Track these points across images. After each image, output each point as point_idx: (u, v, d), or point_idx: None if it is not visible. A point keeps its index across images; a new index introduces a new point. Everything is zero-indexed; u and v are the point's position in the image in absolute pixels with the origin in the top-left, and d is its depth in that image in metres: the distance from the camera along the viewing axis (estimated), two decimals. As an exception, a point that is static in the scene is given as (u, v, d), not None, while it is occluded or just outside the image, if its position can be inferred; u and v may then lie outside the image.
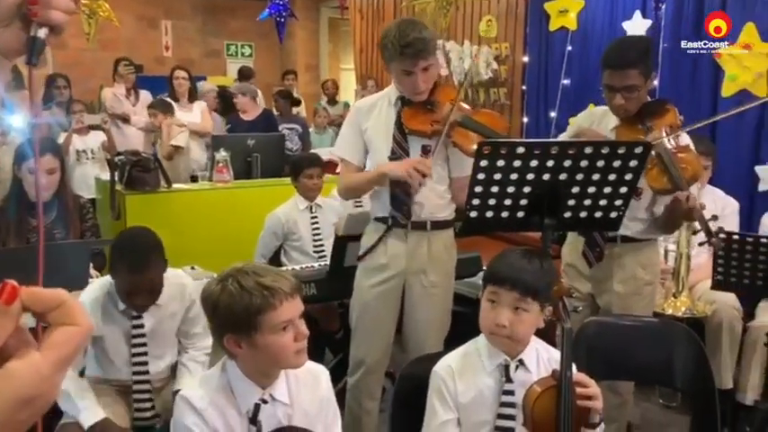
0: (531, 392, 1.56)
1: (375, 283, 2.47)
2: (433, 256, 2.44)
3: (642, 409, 3.33)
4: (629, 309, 2.48)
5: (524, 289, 1.58)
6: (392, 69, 2.35)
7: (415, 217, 2.40)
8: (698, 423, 2.17)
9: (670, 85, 3.95)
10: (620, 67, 2.31)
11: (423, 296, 2.45)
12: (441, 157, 2.40)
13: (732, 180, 3.61)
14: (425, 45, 2.25)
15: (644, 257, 2.49)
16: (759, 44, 3.53)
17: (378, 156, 2.44)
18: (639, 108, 2.39)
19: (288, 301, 1.45)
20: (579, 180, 2.00)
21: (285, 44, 10.44)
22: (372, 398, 2.56)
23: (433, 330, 2.49)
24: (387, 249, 2.44)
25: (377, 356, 2.53)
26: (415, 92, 2.35)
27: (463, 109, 2.41)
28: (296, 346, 1.47)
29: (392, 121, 2.41)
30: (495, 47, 5.39)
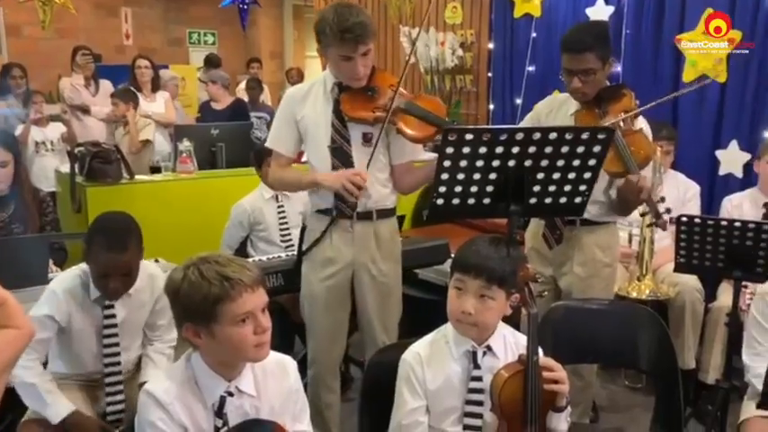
0: (499, 378, 1.57)
1: (323, 277, 2.42)
2: (381, 244, 2.41)
3: (608, 391, 3.40)
4: (589, 290, 2.51)
5: (489, 277, 1.58)
6: (329, 55, 2.27)
7: (360, 207, 2.36)
8: (662, 403, 2.21)
9: (632, 72, 4.00)
10: (577, 50, 2.34)
11: (373, 286, 2.42)
12: (382, 145, 2.36)
13: (693, 164, 3.67)
14: (365, 29, 2.19)
15: (602, 240, 2.53)
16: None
17: (316, 146, 2.38)
18: (598, 92, 2.42)
19: (248, 293, 1.43)
20: (544, 166, 2.00)
21: (249, 32, 10.30)
22: (331, 391, 2.53)
23: (386, 320, 2.47)
24: (332, 242, 2.40)
25: (331, 350, 2.50)
26: (354, 78, 2.29)
27: (404, 94, 2.37)
28: (256, 340, 1.45)
29: (330, 109, 2.35)
30: (461, 34, 5.38)
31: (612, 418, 3.10)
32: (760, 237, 2.45)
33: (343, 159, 2.35)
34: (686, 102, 3.78)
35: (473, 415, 1.62)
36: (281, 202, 3.42)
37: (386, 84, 2.35)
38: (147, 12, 9.95)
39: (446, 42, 5.36)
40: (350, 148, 2.35)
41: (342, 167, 2.34)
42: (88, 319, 2.18)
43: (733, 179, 3.62)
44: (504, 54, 5.04)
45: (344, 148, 2.35)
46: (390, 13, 5.89)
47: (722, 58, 3.58)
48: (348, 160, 2.35)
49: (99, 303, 2.18)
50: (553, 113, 2.59)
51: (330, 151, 2.36)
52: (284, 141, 2.45)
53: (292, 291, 2.97)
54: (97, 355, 2.21)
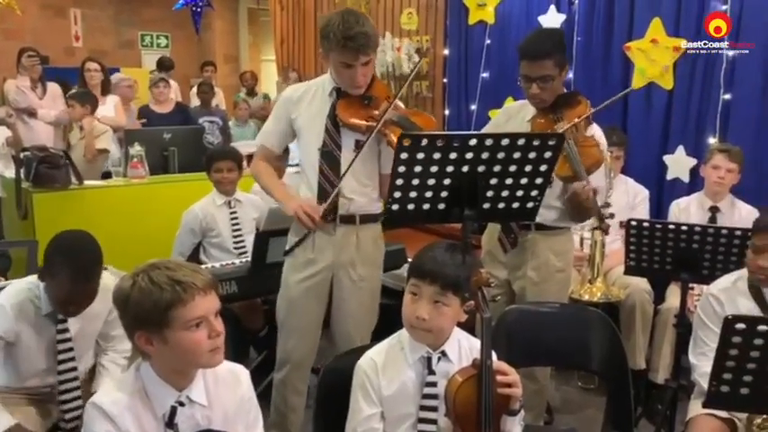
0: (453, 383, 1.58)
1: (303, 278, 2.44)
2: (362, 249, 2.43)
3: (562, 393, 3.45)
4: (542, 294, 2.55)
5: (445, 283, 1.59)
6: (331, 60, 2.31)
7: (343, 211, 2.39)
8: (613, 403, 2.25)
9: (584, 78, 4.08)
10: (536, 57, 2.38)
11: (351, 290, 2.44)
12: (372, 153, 2.39)
13: (642, 169, 3.76)
14: (368, 39, 2.23)
15: (556, 245, 2.57)
16: (664, 39, 3.69)
17: (308, 147, 2.41)
18: (555, 99, 2.46)
19: (201, 296, 1.41)
20: (497, 172, 2.03)
21: (203, 35, 10.16)
22: (299, 394, 2.54)
23: (361, 324, 2.48)
24: (314, 243, 2.42)
25: (304, 352, 2.51)
26: (353, 85, 2.33)
27: (399, 108, 2.41)
28: (210, 344, 1.43)
29: (326, 113, 2.38)
30: (417, 39, 5.41)
31: (566, 419, 3.15)
32: (706, 240, 2.53)
33: (332, 164, 2.37)
34: (635, 108, 3.88)
35: (428, 421, 1.62)
36: (234, 208, 3.38)
37: (383, 95, 2.39)
38: (98, 13, 9.73)
39: (402, 48, 5.39)
40: (340, 153, 2.37)
41: (329, 171, 2.37)
42: (39, 335, 2.12)
43: (680, 184, 3.72)
44: (459, 60, 5.08)
45: (335, 153, 2.37)
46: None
47: (669, 65, 3.69)
48: (336, 165, 2.37)
49: (51, 318, 2.12)
50: (511, 120, 2.63)
51: (320, 154, 2.38)
52: (271, 137, 2.51)
53: (246, 298, 2.94)
54: (48, 370, 2.16)
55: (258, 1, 8.90)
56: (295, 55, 7.43)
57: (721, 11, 3.46)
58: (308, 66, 7.17)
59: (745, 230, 2.30)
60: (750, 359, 1.63)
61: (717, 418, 2.08)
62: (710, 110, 3.56)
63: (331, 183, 2.36)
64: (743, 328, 1.60)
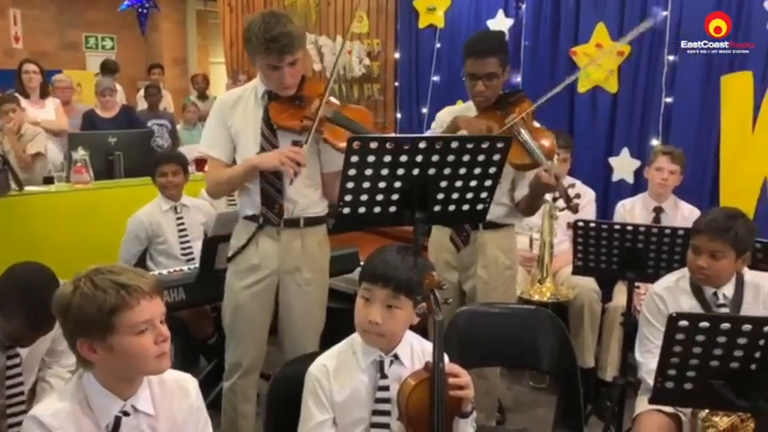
0: (405, 386, 1.57)
1: (247, 284, 2.40)
2: (308, 253, 2.41)
3: (514, 392, 3.49)
4: (492, 292, 2.59)
5: (397, 287, 1.59)
6: (257, 63, 2.28)
7: (287, 214, 2.36)
8: (563, 402, 2.29)
9: (531, 81, 4.14)
10: (481, 55, 2.44)
11: (298, 295, 2.42)
12: (312, 153, 2.36)
13: (589, 171, 3.84)
14: (292, 39, 2.20)
15: (503, 243, 2.61)
16: (609, 43, 3.77)
17: (246, 152, 2.37)
18: (497, 98, 2.53)
19: (146, 300, 1.37)
20: (447, 174, 2.04)
21: (150, 37, 9.95)
22: (248, 401, 2.50)
23: (309, 329, 2.46)
24: (258, 249, 2.38)
25: (252, 359, 2.47)
26: (282, 87, 2.30)
27: (332, 104, 2.39)
28: (157, 350, 1.39)
29: (260, 117, 2.35)
30: (368, 42, 5.41)
31: (518, 419, 3.18)
32: (650, 239, 2.60)
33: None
34: (581, 111, 3.96)
35: (380, 425, 1.61)
36: (181, 214, 3.31)
37: (315, 93, 2.36)
38: (39, 14, 9.42)
39: (353, 51, 5.37)
40: None
41: (270, 176, 2.32)
42: None
43: (625, 185, 3.81)
44: (409, 64, 5.10)
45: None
46: (296, 22, 5.85)
47: (613, 69, 3.78)
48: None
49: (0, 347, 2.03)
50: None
51: None
52: (219, 146, 2.40)
53: (195, 305, 2.88)
54: None
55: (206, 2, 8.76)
56: (245, 58, 7.32)
57: (661, 15, 3.57)
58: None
59: (687, 230, 2.37)
60: (693, 355, 1.68)
61: (663, 413, 2.13)
62: (653, 113, 3.66)
63: (274, 186, 2.32)
64: (685, 325, 1.64)
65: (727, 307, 2.17)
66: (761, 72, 3.27)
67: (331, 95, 2.39)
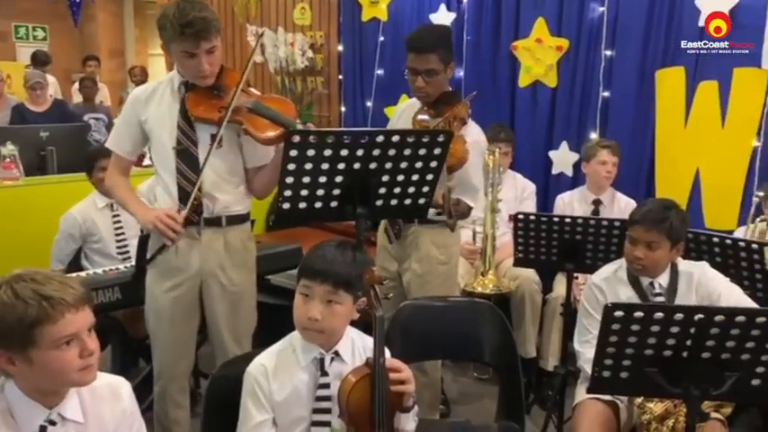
0: (346, 383, 1.56)
1: (168, 287, 2.29)
2: (231, 252, 2.32)
3: (459, 384, 3.52)
4: (426, 287, 2.59)
5: (336, 282, 1.56)
6: (172, 52, 2.18)
7: (207, 213, 2.26)
8: (505, 392, 2.32)
9: (473, 76, 4.17)
10: (422, 50, 2.43)
11: (222, 296, 2.32)
12: (233, 146, 2.29)
13: (530, 165, 3.90)
14: (207, 25, 2.10)
15: (438, 238, 2.60)
16: (549, 38, 3.84)
17: (161, 147, 2.27)
18: (439, 95, 2.51)
19: (72, 314, 1.30)
20: (388, 168, 2.03)
21: (85, 27, 9.62)
22: (179, 406, 2.42)
23: (238, 331, 2.38)
24: (178, 250, 2.27)
25: (178, 365, 2.39)
26: (199, 76, 2.20)
27: (252, 94, 2.30)
28: (81, 363, 1.32)
29: (176, 109, 2.25)
30: (311, 35, 5.35)
31: (462, 410, 3.21)
32: (588, 231, 2.65)
33: (189, 162, 2.24)
34: (522, 106, 4.01)
35: (321, 423, 1.59)
36: (117, 211, 3.19)
37: (234, 82, 2.27)
38: (-36, 2, 8.98)
39: (296, 43, 5.31)
40: (196, 150, 2.24)
41: (187, 170, 2.23)
42: None
43: (564, 178, 3.89)
44: (353, 57, 5.07)
45: (191, 150, 2.24)
46: (237, 12, 5.75)
47: (552, 64, 3.84)
48: (194, 163, 2.24)
49: None
50: (401, 118, 2.66)
51: (175, 153, 2.24)
52: (123, 143, 2.34)
53: (131, 305, 2.79)
54: None
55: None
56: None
57: (598, 11, 3.64)
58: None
59: (624, 221, 2.42)
60: (629, 344, 1.71)
61: (601, 401, 2.18)
62: (591, 107, 3.74)
63: (191, 182, 2.22)
64: (621, 315, 1.68)
65: (662, 296, 2.23)
66: (692, 68, 3.38)
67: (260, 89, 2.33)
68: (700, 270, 2.23)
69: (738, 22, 3.20)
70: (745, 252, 2.45)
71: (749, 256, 2.44)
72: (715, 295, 2.16)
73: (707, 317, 1.64)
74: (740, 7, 3.20)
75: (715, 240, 2.52)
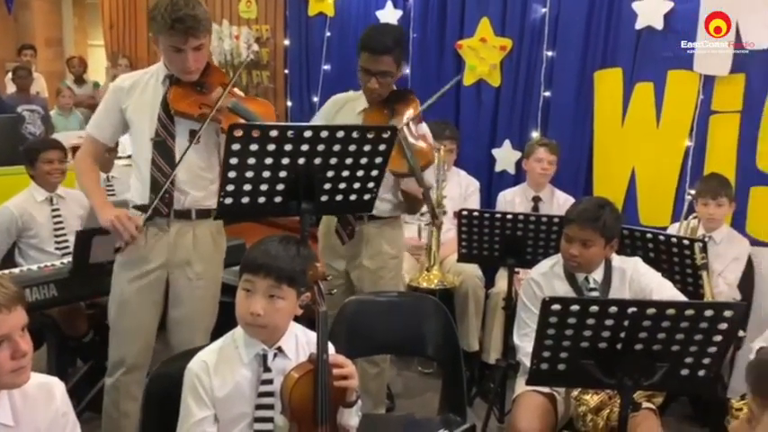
0: (289, 379, 1.56)
1: (134, 276, 2.29)
2: (199, 246, 2.32)
3: (404, 378, 3.55)
4: (379, 281, 2.62)
5: (279, 276, 1.56)
6: (160, 44, 2.20)
7: (178, 205, 2.27)
8: (448, 385, 2.35)
9: (419, 73, 4.20)
10: (378, 52, 2.44)
11: (188, 290, 2.32)
12: (210, 143, 2.29)
13: (474, 162, 3.95)
14: (197, 22, 2.14)
15: (388, 234, 2.65)
16: (492, 38, 3.90)
17: (140, 137, 2.28)
18: (389, 94, 2.53)
19: (3, 314, 1.27)
20: (333, 164, 2.03)
21: (20, 15, 9.24)
22: (133, 399, 2.36)
23: (198, 326, 2.37)
24: (147, 240, 2.27)
25: (138, 355, 2.35)
26: (185, 71, 2.22)
27: (236, 95, 2.33)
28: (13, 365, 1.29)
29: (158, 101, 2.26)
30: (256, 28, 5.29)
31: (407, 404, 3.24)
32: (528, 227, 2.72)
33: (165, 155, 2.24)
34: (466, 104, 4.06)
35: (264, 419, 1.59)
36: (57, 205, 3.10)
37: (218, 81, 2.29)
38: None
39: (241, 36, 5.24)
40: (174, 143, 2.25)
41: (162, 162, 2.24)
42: None
43: (507, 175, 3.96)
44: (300, 51, 5.04)
45: (168, 142, 2.24)
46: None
47: (496, 63, 3.90)
48: (170, 156, 2.24)
49: None
50: (342, 111, 2.66)
51: (153, 144, 2.25)
52: (102, 128, 2.35)
53: (68, 302, 2.71)
54: None
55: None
56: (125, 40, 6.97)
57: (540, 12, 3.72)
58: (139, 52, 6.75)
59: (562, 218, 2.49)
60: (565, 337, 1.77)
61: (539, 393, 2.23)
62: (533, 106, 3.82)
63: (165, 174, 2.23)
64: (558, 308, 1.73)
65: (597, 291, 2.30)
66: (629, 69, 3.49)
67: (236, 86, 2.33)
68: (632, 266, 2.32)
69: (672, 26, 3.32)
70: (676, 248, 2.55)
71: (680, 251, 2.55)
72: (647, 290, 2.24)
73: (639, 310, 1.70)
74: (674, 12, 3.32)
75: (649, 236, 2.62)
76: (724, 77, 3.21)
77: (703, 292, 2.50)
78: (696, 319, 1.71)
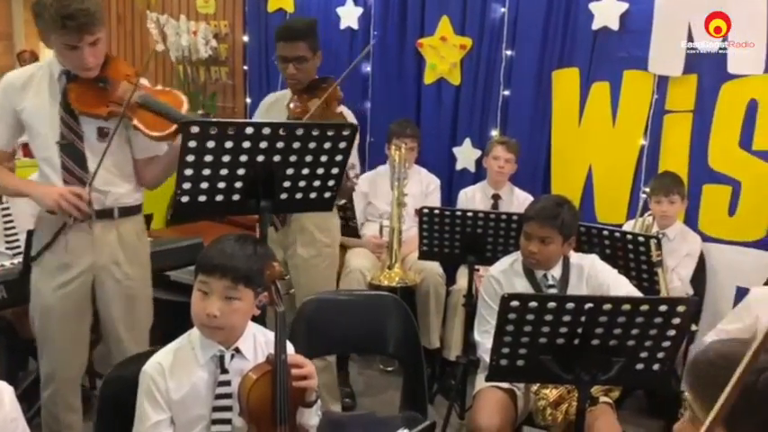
0: (247, 380, 1.53)
1: (57, 285, 2.17)
2: (126, 245, 2.23)
3: (366, 377, 3.55)
4: (314, 270, 2.68)
5: (235, 276, 1.53)
6: (52, 42, 2.04)
7: (99, 205, 2.16)
8: (409, 383, 2.35)
9: (380, 71, 4.19)
10: (291, 39, 2.57)
11: (117, 292, 2.24)
12: (121, 139, 2.20)
13: (434, 160, 3.96)
14: (90, 18, 1.97)
15: (322, 223, 2.70)
16: (453, 37, 3.91)
17: (43, 141, 2.13)
18: (309, 83, 2.61)
19: None
20: (293, 162, 2.01)
21: (-34, 7, 8.91)
22: (72, 410, 2.30)
23: (134, 327, 2.30)
24: (68, 244, 2.16)
25: (70, 367, 2.27)
26: (82, 68, 2.08)
27: (143, 87, 2.20)
28: None
29: (57, 101, 2.12)
30: (214, 24, 5.21)
31: (368, 402, 3.24)
32: (488, 225, 2.74)
33: (75, 157, 2.13)
34: (427, 102, 4.07)
35: (221, 421, 1.56)
36: (6, 204, 3.00)
37: (121, 75, 2.16)
38: None
39: (199, 32, 5.15)
40: (83, 144, 2.13)
41: (73, 166, 2.12)
42: None
43: (467, 173, 3.98)
44: (259, 48, 4.97)
45: (76, 144, 2.13)
46: (137, -1, 5.52)
47: (456, 62, 3.92)
48: (81, 158, 2.13)
49: None
50: (273, 108, 2.71)
51: (59, 148, 2.12)
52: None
53: (20, 303, 2.63)
54: None
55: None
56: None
57: (500, 12, 3.75)
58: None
59: (521, 215, 2.52)
60: (524, 333, 1.79)
61: (499, 389, 2.25)
62: (492, 105, 3.85)
63: (78, 178, 2.11)
64: (517, 305, 1.75)
65: (555, 287, 2.33)
66: (586, 69, 3.55)
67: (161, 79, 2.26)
68: (590, 263, 2.35)
69: (627, 27, 3.38)
70: (632, 245, 2.60)
71: (636, 248, 2.60)
72: (604, 286, 2.28)
73: (596, 306, 1.73)
74: (629, 13, 3.38)
75: (605, 233, 2.66)
76: (677, 78, 3.29)
77: (659, 288, 2.55)
78: (651, 314, 1.75)
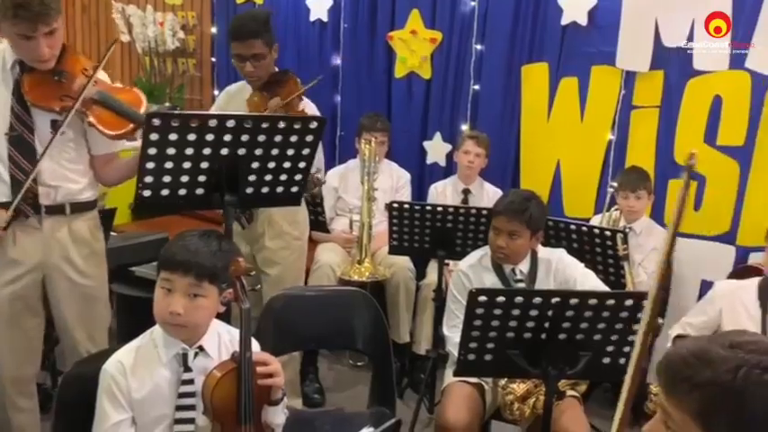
0: (211, 379, 1.51)
1: (4, 282, 2.10)
2: (79, 242, 2.17)
3: (335, 372, 3.53)
4: (283, 262, 2.66)
5: (199, 273, 1.50)
6: (4, 31, 1.97)
7: (48, 200, 2.10)
8: (378, 377, 2.34)
9: (351, 64, 4.16)
10: (245, 37, 2.51)
11: (70, 290, 2.17)
12: (77, 134, 2.14)
13: (405, 154, 3.95)
14: (45, 7, 1.90)
15: (290, 215, 2.68)
16: (423, 30, 3.89)
17: None
18: (268, 77, 2.58)
19: None
20: (258, 155, 1.98)
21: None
22: (24, 411, 2.23)
23: (90, 327, 2.24)
24: (16, 241, 2.09)
25: (20, 367, 2.20)
26: (37, 60, 2.01)
27: (101, 83, 2.14)
28: None
29: (9, 91, 2.05)
30: (182, 15, 5.12)
31: (338, 398, 3.22)
32: (458, 219, 2.74)
33: (24, 150, 2.05)
34: (398, 96, 4.05)
35: (185, 421, 1.53)
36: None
37: (78, 68, 2.10)
38: None
39: (166, 23, 5.05)
40: (33, 137, 2.06)
41: (21, 158, 2.05)
42: None
43: (438, 168, 3.98)
44: (227, 39, 4.88)
45: (26, 136, 2.06)
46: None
47: (426, 55, 3.90)
48: (30, 151, 2.06)
49: None
50: (232, 102, 2.68)
51: (8, 139, 2.04)
52: None
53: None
54: None
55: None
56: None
57: (470, 6, 3.74)
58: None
59: (491, 210, 2.52)
60: (492, 328, 1.79)
61: (467, 383, 2.25)
62: (462, 99, 3.84)
63: (24, 171, 2.04)
64: (485, 299, 1.74)
65: (523, 282, 2.34)
66: (555, 64, 3.56)
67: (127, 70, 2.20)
68: (557, 257, 2.36)
69: (595, 22, 3.40)
70: (599, 239, 2.62)
71: (603, 242, 2.62)
72: (571, 280, 2.29)
73: (563, 300, 1.74)
74: (597, 9, 3.40)
75: (573, 228, 2.68)
76: (644, 73, 3.32)
77: (625, 282, 2.57)
78: (617, 308, 1.76)
